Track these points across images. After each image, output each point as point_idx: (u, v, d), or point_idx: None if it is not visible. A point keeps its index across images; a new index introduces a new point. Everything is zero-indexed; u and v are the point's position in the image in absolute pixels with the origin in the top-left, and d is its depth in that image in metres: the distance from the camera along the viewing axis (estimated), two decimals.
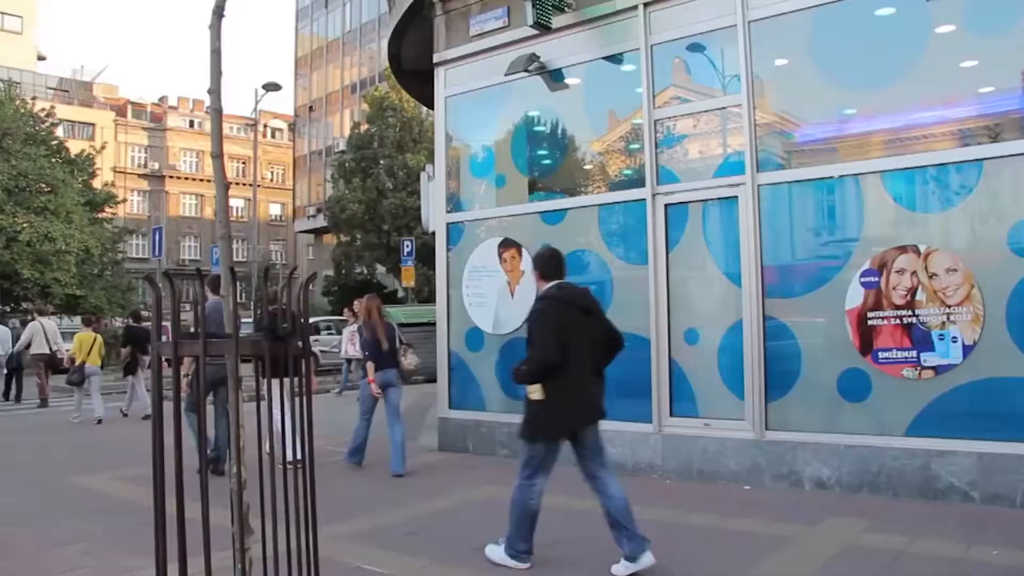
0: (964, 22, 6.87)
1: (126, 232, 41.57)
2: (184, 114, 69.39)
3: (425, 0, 10.25)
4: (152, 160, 66.00)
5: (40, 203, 32.72)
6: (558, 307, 5.11)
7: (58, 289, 32.74)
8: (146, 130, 66.65)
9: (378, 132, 38.48)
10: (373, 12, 53.74)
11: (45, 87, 60.56)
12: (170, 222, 59.90)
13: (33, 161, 32.72)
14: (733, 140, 8.01)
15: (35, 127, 35.31)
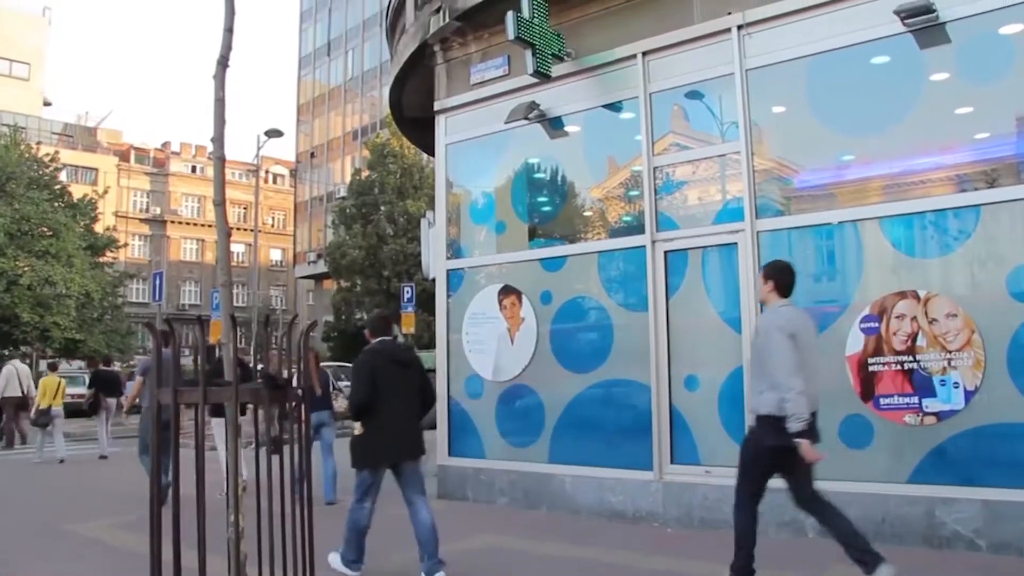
0: (957, 70, 6.96)
1: (127, 276, 41.72)
2: (186, 159, 69.96)
3: (427, 49, 10.38)
4: (154, 205, 66.39)
5: (42, 247, 32.88)
6: (375, 359, 6.08)
7: (57, 333, 32.76)
8: (148, 175, 67.14)
9: (379, 178, 38.74)
10: (375, 60, 54.43)
11: (50, 132, 61.26)
12: (171, 266, 60.05)
13: (36, 205, 32.95)
14: (732, 186, 8.06)
15: (39, 171, 35.65)
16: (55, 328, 32.67)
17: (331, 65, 60.95)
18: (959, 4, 6.79)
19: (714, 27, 8.09)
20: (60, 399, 15.10)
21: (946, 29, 6.88)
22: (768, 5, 7.76)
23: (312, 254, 57.88)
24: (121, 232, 46.80)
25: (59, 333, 32.94)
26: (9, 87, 61.98)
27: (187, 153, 70.74)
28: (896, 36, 7.07)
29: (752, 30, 7.88)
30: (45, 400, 14.89)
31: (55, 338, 33.11)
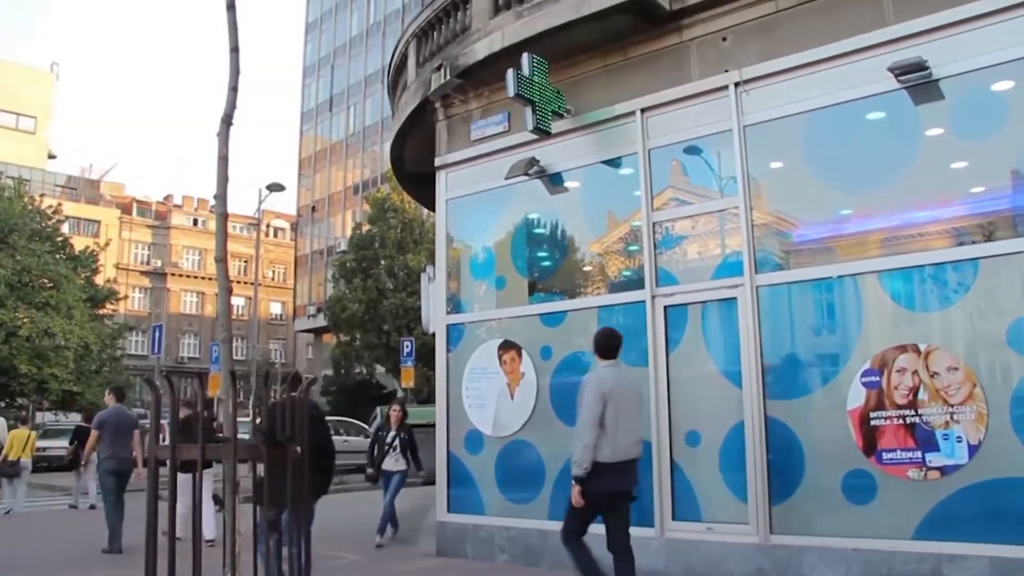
0: (952, 126, 7.05)
1: (126, 329, 41.71)
2: (188, 213, 70.41)
3: (428, 106, 10.50)
4: (155, 257, 66.66)
5: (42, 298, 32.90)
6: None
7: (55, 385, 32.62)
8: (150, 228, 67.53)
9: (379, 232, 38.89)
10: (376, 115, 55.04)
11: (54, 184, 61.90)
12: (170, 319, 60.07)
13: (37, 257, 33.06)
14: (731, 241, 8.09)
15: (41, 223, 35.81)
16: (53, 380, 32.54)
17: (333, 120, 61.65)
18: (952, 62, 6.89)
19: (711, 84, 8.20)
20: (29, 452, 15.32)
21: (940, 86, 6.97)
22: (764, 63, 7.88)
23: (312, 308, 57.92)
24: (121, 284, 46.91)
25: (57, 385, 32.81)
26: (15, 140, 62.75)
27: (189, 206, 71.21)
28: (891, 93, 7.16)
29: (749, 87, 7.99)
30: (14, 452, 15.10)
31: (52, 390, 32.97)
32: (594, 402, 6.06)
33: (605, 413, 6.01)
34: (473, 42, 9.57)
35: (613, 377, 6.30)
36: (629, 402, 6.29)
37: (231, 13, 4.26)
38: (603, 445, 6.02)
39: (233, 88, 3.93)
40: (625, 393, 6.29)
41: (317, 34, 65.98)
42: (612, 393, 6.11)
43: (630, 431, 6.21)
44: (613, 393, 6.12)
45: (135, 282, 63.27)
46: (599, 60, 9.06)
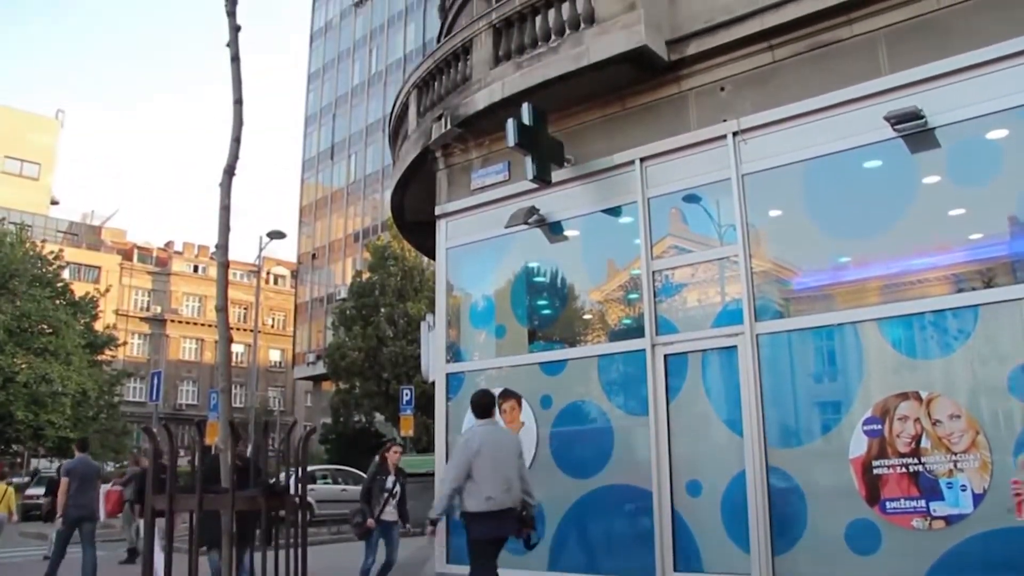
0: (948, 173, 7.11)
1: (124, 375, 41.53)
2: (189, 259, 70.63)
3: (428, 155, 10.59)
4: (155, 304, 66.71)
5: (41, 344, 32.83)
6: None
7: (51, 432, 32.43)
8: (151, 274, 67.69)
9: (379, 280, 38.92)
10: (377, 163, 55.44)
11: (56, 230, 62.22)
12: (169, 365, 59.93)
13: (37, 303, 33.07)
14: (731, 288, 8.10)
15: (42, 269, 35.87)
16: (49, 427, 32.34)
17: (334, 168, 62.07)
18: (947, 111, 6.97)
19: (710, 134, 8.28)
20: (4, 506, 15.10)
21: (935, 134, 7.05)
22: (762, 112, 7.97)
23: (311, 355, 57.78)
24: (121, 330, 46.90)
25: (53, 432, 32.60)
26: (19, 186, 63.20)
27: (190, 253, 71.45)
28: (888, 141, 7.24)
29: (747, 136, 8.06)
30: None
31: (48, 437, 32.75)
32: (461, 458, 6.88)
33: (476, 467, 6.75)
34: (473, 92, 9.67)
35: (485, 434, 7.02)
36: (502, 456, 6.95)
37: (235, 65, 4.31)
38: (475, 496, 6.75)
39: (236, 139, 3.97)
40: (498, 449, 6.98)
41: (319, 83, 66.72)
42: (483, 449, 6.84)
43: (503, 483, 6.82)
44: (484, 449, 6.84)
45: (134, 328, 63.24)
46: (598, 110, 9.16)
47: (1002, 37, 6.76)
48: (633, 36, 8.26)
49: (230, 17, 4.65)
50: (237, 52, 4.40)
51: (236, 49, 4.46)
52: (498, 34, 9.68)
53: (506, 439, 7.33)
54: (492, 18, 9.76)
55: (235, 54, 4.42)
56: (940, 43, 7.09)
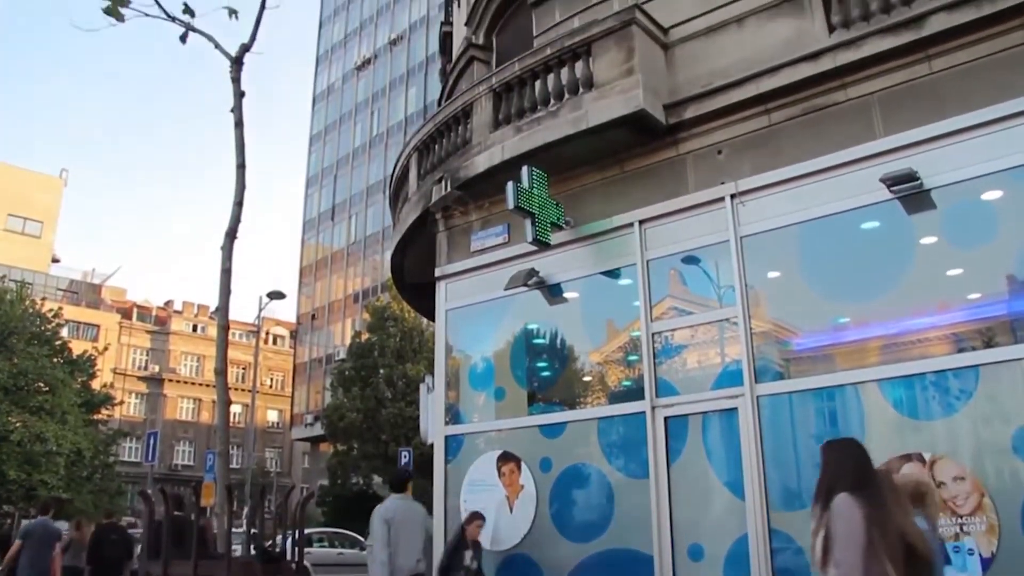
0: (945, 234, 7.15)
1: (120, 435, 41.17)
2: (188, 319, 70.60)
3: (428, 217, 10.65)
4: (153, 363, 66.48)
5: (36, 402, 32.55)
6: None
7: (44, 492, 31.95)
8: (149, 333, 67.58)
9: (379, 341, 38.83)
10: (377, 224, 55.77)
11: (55, 288, 62.34)
12: (165, 425, 59.59)
13: (35, 360, 32.90)
14: (731, 350, 8.08)
15: (41, 327, 35.77)
16: (42, 487, 31.85)
17: (335, 229, 62.41)
18: (941, 172, 7.05)
19: (708, 196, 8.35)
20: None
21: (931, 196, 7.11)
22: (759, 175, 8.05)
23: (309, 416, 57.44)
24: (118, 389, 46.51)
25: (46, 492, 32.05)
26: (21, 244, 63.44)
27: (189, 312, 71.43)
28: (884, 203, 7.30)
29: (745, 198, 8.13)
30: None
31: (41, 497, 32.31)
32: (379, 527, 7.94)
33: (388, 536, 7.83)
34: (474, 155, 9.77)
35: (396, 507, 8.20)
36: (410, 527, 8.08)
37: (238, 130, 4.36)
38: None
39: (238, 203, 4.00)
40: (407, 521, 8.12)
41: (321, 145, 67.45)
42: (393, 520, 7.98)
43: (410, 551, 7.97)
44: (394, 520, 7.98)
45: (132, 387, 62.88)
46: (597, 173, 9.25)
47: (992, 101, 6.89)
48: (631, 100, 8.38)
49: (235, 83, 4.72)
50: (241, 117, 4.46)
51: (240, 115, 4.52)
52: (498, 98, 9.81)
53: (416, 513, 8.38)
54: (492, 83, 9.91)
55: (239, 119, 4.48)
56: (933, 107, 7.20)
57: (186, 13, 5.18)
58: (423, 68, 58.39)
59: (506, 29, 12.67)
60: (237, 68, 4.74)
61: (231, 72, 4.69)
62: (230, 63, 4.73)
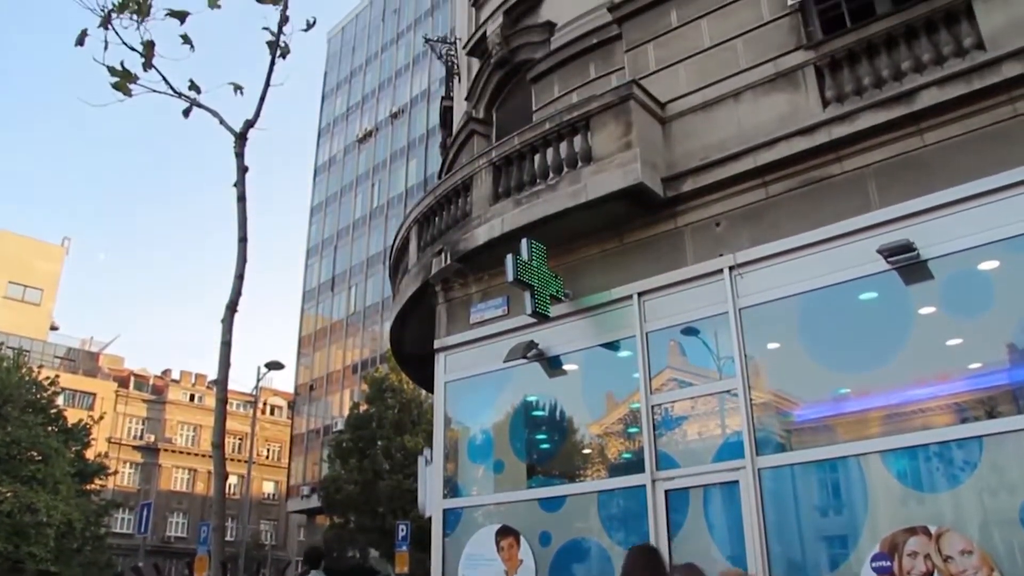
0: (944, 303, 7.20)
1: (113, 505, 40.61)
2: (185, 388, 70.24)
3: (428, 289, 10.69)
4: (148, 432, 65.90)
5: (28, 472, 32.16)
6: None
7: (32, 564, 31.36)
8: (146, 402, 67.14)
9: (377, 413, 38.62)
10: (377, 295, 55.92)
11: (53, 356, 62.10)
12: (159, 496, 58.82)
13: (29, 429, 32.63)
14: (731, 421, 8.04)
15: (37, 395, 35.56)
16: (30, 559, 31.25)
17: (334, 300, 62.59)
18: (938, 243, 7.12)
19: (706, 268, 8.40)
20: None
21: (928, 266, 7.17)
22: (757, 247, 8.12)
23: (306, 488, 56.80)
24: (112, 459, 46.14)
25: (34, 565, 31.51)
26: (19, 311, 63.40)
27: (187, 381, 71.10)
28: (882, 274, 7.35)
29: (743, 270, 8.17)
30: None
31: (28, 570, 31.69)
32: None
33: None
34: (473, 228, 9.85)
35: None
36: None
37: (241, 205, 4.41)
38: None
39: (239, 276, 4.02)
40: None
41: (322, 216, 68.04)
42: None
43: None
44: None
45: (126, 457, 62.23)
46: (596, 245, 9.31)
47: (984, 173, 7.01)
48: (630, 174, 8.49)
49: (238, 158, 4.79)
50: (244, 192, 4.51)
51: (243, 189, 4.57)
52: (498, 172, 9.93)
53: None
54: (492, 156, 10.04)
55: (242, 194, 4.53)
56: (927, 178, 7.32)
57: (192, 89, 5.26)
58: (424, 141, 59.24)
59: (506, 104, 12.89)
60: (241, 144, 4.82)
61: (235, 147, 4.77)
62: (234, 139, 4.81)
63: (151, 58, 5.21)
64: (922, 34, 7.78)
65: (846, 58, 8.17)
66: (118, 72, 5.11)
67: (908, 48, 7.81)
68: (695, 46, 9.57)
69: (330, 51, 76.73)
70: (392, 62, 67.92)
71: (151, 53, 5.20)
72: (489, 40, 12.61)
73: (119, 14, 5.04)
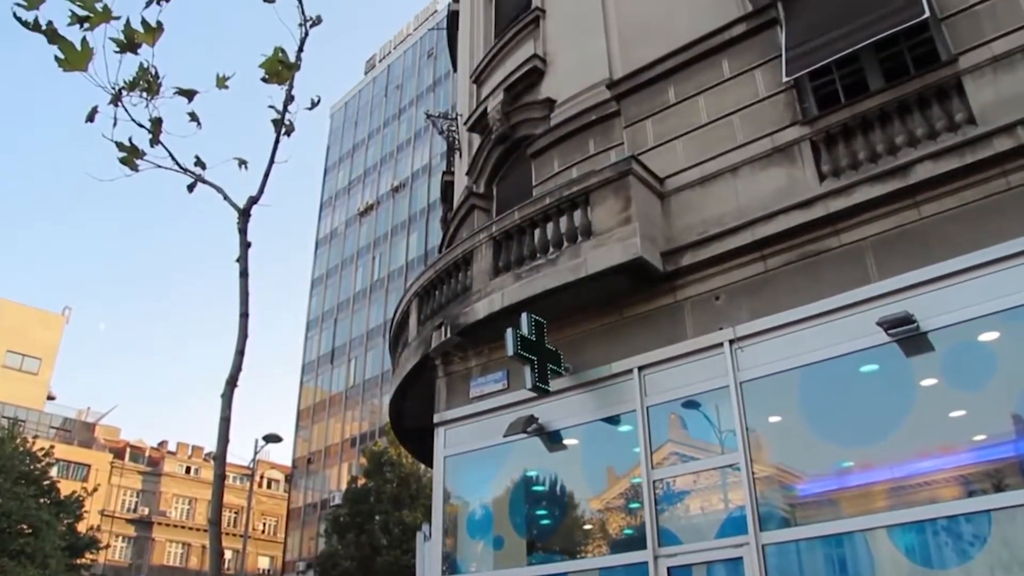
0: (946, 375, 7.16)
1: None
2: (182, 460, 69.59)
3: (428, 362, 10.67)
4: (143, 505, 65.06)
5: (18, 546, 31.53)
6: None
7: None
8: (141, 474, 66.45)
9: (375, 487, 38.24)
10: (377, 368, 55.78)
11: (49, 426, 61.67)
12: (152, 571, 57.87)
13: (20, 501, 32.09)
14: (734, 495, 7.94)
15: (30, 466, 35.12)
16: None
17: (334, 372, 62.41)
18: (937, 315, 7.14)
19: (706, 342, 8.40)
20: None
21: (929, 338, 7.17)
22: (757, 320, 8.13)
23: (302, 563, 55.84)
24: (105, 532, 45.36)
25: None
26: (17, 381, 63.11)
27: (183, 453, 70.46)
28: (882, 346, 7.34)
29: (743, 344, 8.18)
30: None
31: None
32: None
33: None
34: (474, 302, 9.88)
35: None
36: None
37: (243, 280, 4.44)
38: None
39: (240, 351, 4.02)
40: None
41: (322, 288, 68.28)
42: None
43: None
44: None
45: (119, 530, 61.26)
46: (596, 319, 9.32)
47: (980, 245, 7.08)
48: (629, 248, 8.55)
49: (241, 234, 4.84)
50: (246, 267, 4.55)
51: (245, 264, 4.61)
52: (498, 246, 10.00)
53: None
54: (492, 231, 10.12)
55: (244, 269, 4.57)
56: (924, 251, 7.38)
57: (197, 165, 5.35)
58: (424, 215, 59.78)
59: (506, 179, 13.04)
60: (244, 219, 4.88)
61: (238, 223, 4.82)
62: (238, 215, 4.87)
63: (158, 134, 5.31)
64: (915, 109, 7.93)
65: (841, 133, 8.31)
66: (126, 148, 5.20)
67: (901, 123, 7.95)
68: (693, 122, 9.75)
69: (333, 126, 77.97)
70: (394, 137, 68.96)
71: (159, 130, 5.29)
72: (490, 116, 12.82)
73: (129, 92, 5.15)
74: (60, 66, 4.83)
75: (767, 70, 9.37)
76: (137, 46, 5.10)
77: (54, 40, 4.80)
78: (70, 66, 4.84)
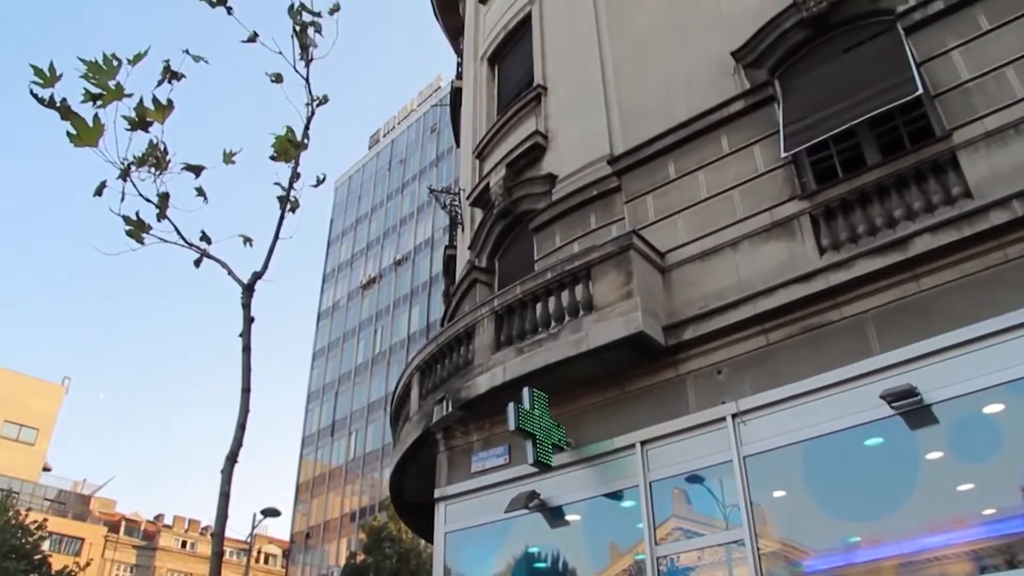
0: (950, 449, 7.12)
1: None
2: (178, 534, 68.55)
3: (429, 437, 10.60)
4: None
5: None
6: None
7: None
8: (136, 548, 65.37)
9: (374, 563, 37.62)
10: (378, 442, 55.35)
11: (43, 498, 60.85)
12: None
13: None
14: (739, 572, 7.81)
15: (22, 539, 34.54)
16: None
17: (334, 445, 61.90)
18: (941, 387, 7.11)
19: (709, 416, 8.36)
20: None
21: (933, 410, 7.13)
22: (759, 394, 8.10)
23: None
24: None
25: None
26: (13, 451, 62.50)
27: (180, 527, 69.41)
28: (886, 419, 7.30)
29: (746, 418, 8.13)
30: None
31: None
32: None
33: None
34: (475, 376, 9.86)
35: None
36: None
37: (246, 355, 4.45)
38: None
39: (241, 426, 4.01)
40: None
41: (323, 361, 68.12)
42: None
43: None
44: None
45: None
46: (598, 393, 9.29)
47: (980, 317, 7.09)
48: (631, 323, 8.56)
49: (245, 309, 4.87)
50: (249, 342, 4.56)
51: (248, 339, 4.63)
52: (500, 320, 10.02)
53: None
54: (494, 305, 10.15)
55: (247, 344, 4.58)
56: (925, 323, 7.39)
57: (203, 240, 5.40)
58: (427, 288, 59.99)
59: (508, 253, 13.12)
60: (248, 295, 4.91)
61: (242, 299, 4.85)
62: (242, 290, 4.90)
63: (165, 209, 5.37)
64: (912, 183, 8.03)
65: (840, 207, 8.39)
66: (133, 222, 5.25)
67: (899, 196, 8.04)
68: (693, 197, 9.84)
69: (336, 199, 78.78)
70: (397, 210, 69.62)
71: (166, 205, 5.36)
72: (492, 191, 12.96)
73: (138, 168, 5.23)
74: (71, 142, 4.91)
75: (765, 145, 9.50)
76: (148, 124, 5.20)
77: (67, 116, 4.89)
78: (81, 142, 4.92)
